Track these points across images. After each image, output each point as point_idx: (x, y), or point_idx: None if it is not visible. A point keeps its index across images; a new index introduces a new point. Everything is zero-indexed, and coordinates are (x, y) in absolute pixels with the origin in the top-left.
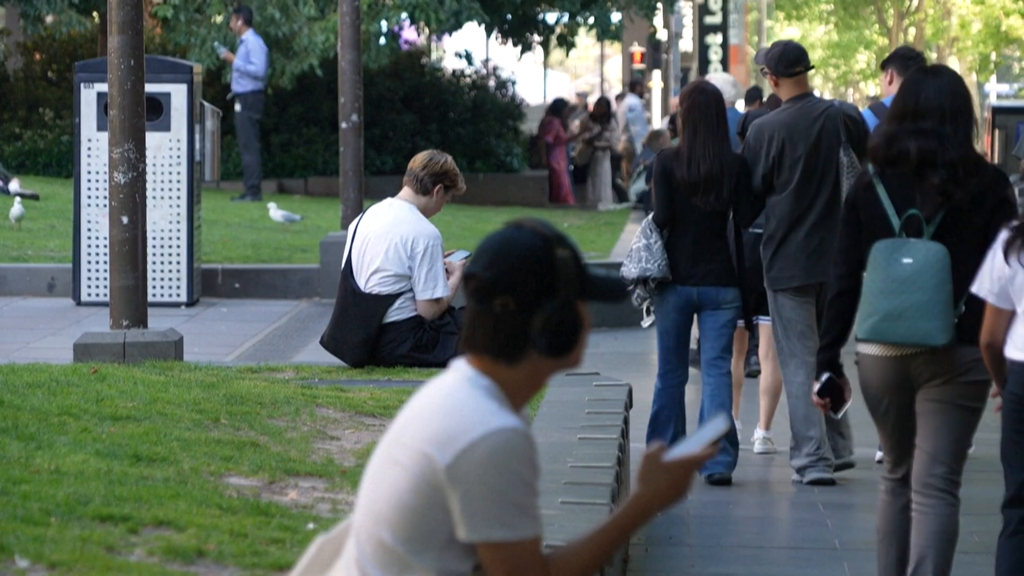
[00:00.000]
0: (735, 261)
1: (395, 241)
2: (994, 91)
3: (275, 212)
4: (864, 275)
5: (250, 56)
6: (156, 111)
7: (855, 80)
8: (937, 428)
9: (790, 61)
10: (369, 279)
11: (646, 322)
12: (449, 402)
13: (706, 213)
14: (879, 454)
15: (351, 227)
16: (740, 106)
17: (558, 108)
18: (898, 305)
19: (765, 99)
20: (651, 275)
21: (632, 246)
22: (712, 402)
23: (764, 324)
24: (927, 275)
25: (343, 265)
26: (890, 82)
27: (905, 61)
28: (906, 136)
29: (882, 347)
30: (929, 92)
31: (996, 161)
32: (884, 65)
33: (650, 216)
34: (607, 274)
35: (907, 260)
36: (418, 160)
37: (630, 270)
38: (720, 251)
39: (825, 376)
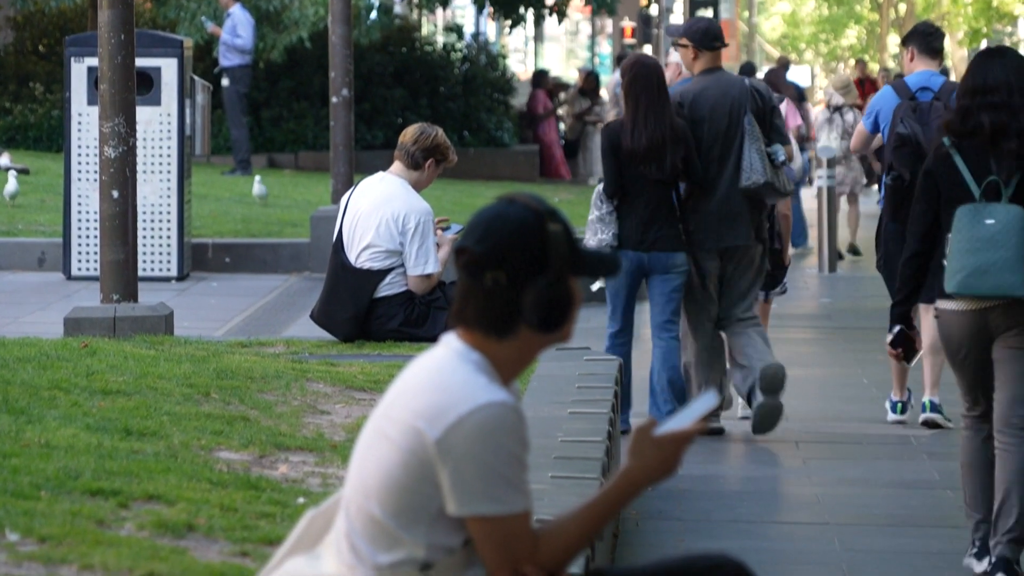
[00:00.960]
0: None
1: (386, 217)
2: None
3: (255, 187)
4: (949, 237)
5: (237, 29)
6: (146, 85)
7: (844, 56)
8: (1016, 373)
9: (713, 36)
10: (360, 254)
11: (596, 285)
12: (439, 376)
13: (653, 181)
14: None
15: (342, 201)
16: None
17: (539, 80)
18: (983, 262)
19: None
20: (608, 244)
21: (589, 218)
22: (663, 365)
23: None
24: (1008, 234)
25: (334, 239)
26: (911, 59)
27: (925, 38)
28: (979, 110)
29: (962, 302)
30: (996, 70)
31: None
32: (904, 42)
33: (599, 186)
34: (598, 249)
35: (989, 221)
36: (409, 134)
37: (588, 242)
38: (668, 218)
39: (897, 328)
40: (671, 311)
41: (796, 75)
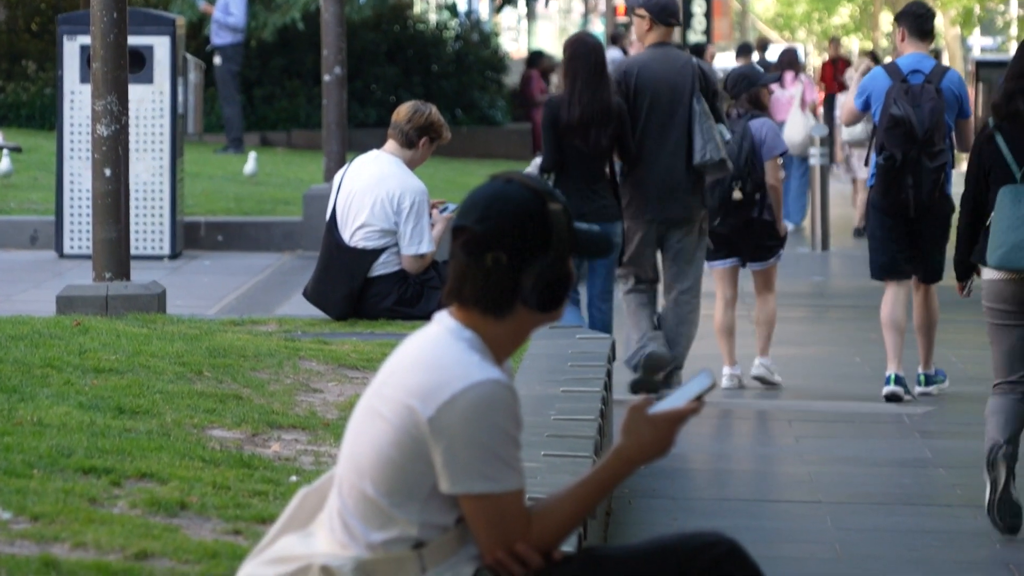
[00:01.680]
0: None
1: (381, 196)
2: (978, 45)
3: (248, 164)
4: (992, 215)
5: (229, 8)
6: (139, 64)
7: (836, 35)
8: None
9: (670, 12)
10: (354, 234)
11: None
12: (432, 355)
13: (589, 155)
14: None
15: (336, 179)
16: (731, 60)
17: (535, 60)
18: (1022, 238)
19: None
20: None
21: None
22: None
23: (753, 269)
24: None
25: (327, 218)
26: (901, 39)
27: (916, 19)
28: (1019, 94)
29: (1006, 273)
30: None
31: (979, 115)
32: (897, 20)
33: (537, 160)
34: (590, 228)
35: None
36: (402, 113)
37: None
38: (604, 190)
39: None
40: (608, 281)
41: (775, 55)
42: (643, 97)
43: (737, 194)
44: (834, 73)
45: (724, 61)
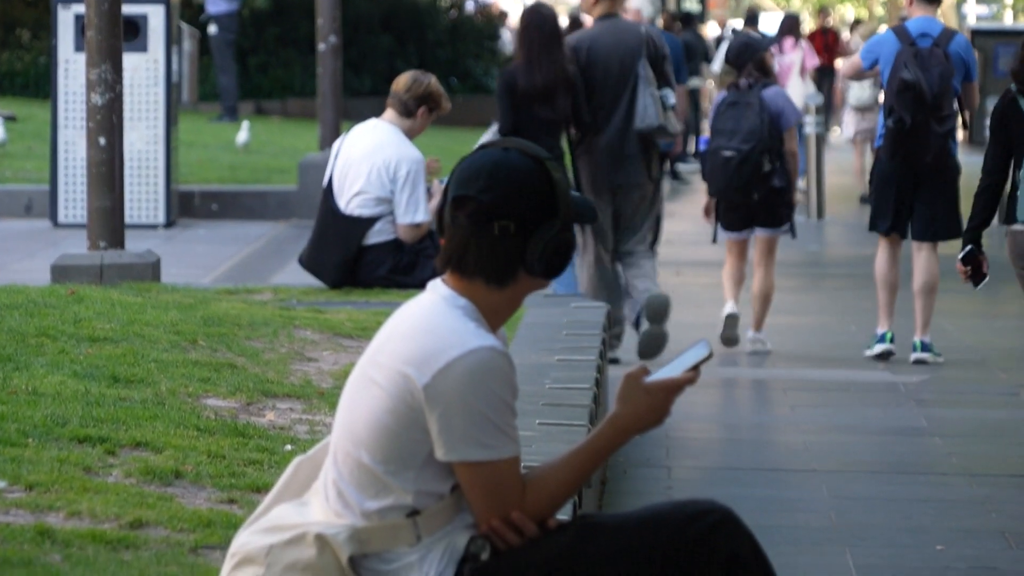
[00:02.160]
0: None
1: (377, 164)
2: (972, 13)
3: (240, 134)
4: (1020, 173)
5: None
6: (133, 32)
7: (827, 5)
8: None
9: None
10: (350, 201)
11: None
12: (427, 322)
13: (545, 122)
14: (877, 347)
15: (334, 146)
16: (737, 25)
17: None
18: None
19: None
20: None
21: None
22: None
23: (759, 235)
24: None
25: (324, 185)
26: (909, 3)
27: None
28: None
29: None
30: None
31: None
32: None
33: (495, 126)
34: (579, 195)
35: None
36: (401, 82)
37: None
38: (559, 158)
39: (969, 247)
40: None
41: (766, 24)
42: (595, 69)
43: (767, 167)
44: (824, 44)
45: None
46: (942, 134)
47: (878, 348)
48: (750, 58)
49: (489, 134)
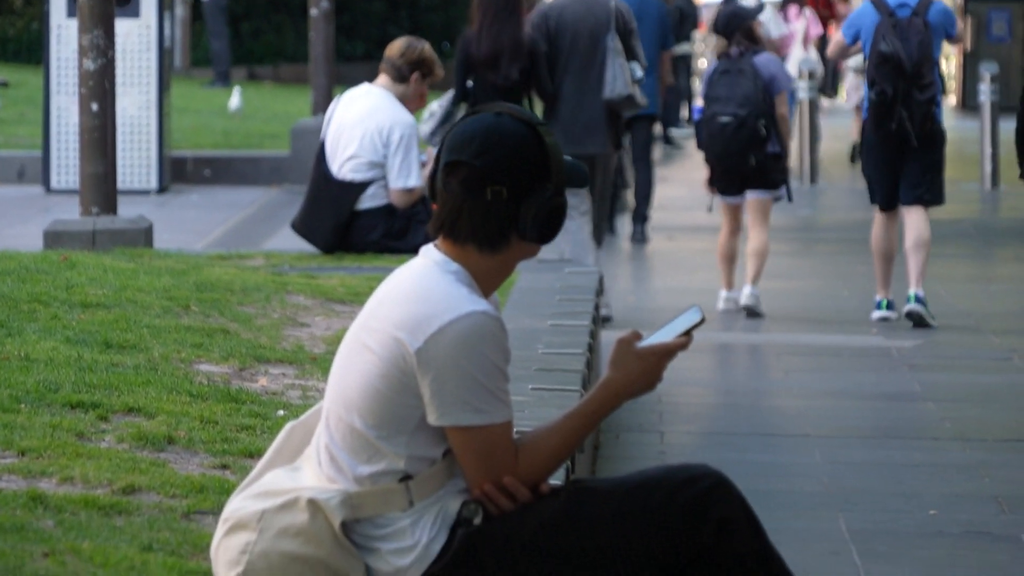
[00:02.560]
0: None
1: (371, 129)
2: None
3: (232, 100)
4: None
5: None
6: None
7: None
8: None
9: None
10: (343, 165)
11: None
12: (419, 287)
13: (497, 88)
14: (876, 312)
15: (328, 111)
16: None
17: None
18: None
19: None
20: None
21: (434, 112)
22: None
23: (751, 198)
24: None
25: (317, 149)
26: None
27: None
28: None
29: None
30: None
31: (968, 49)
32: None
33: (450, 93)
34: (571, 160)
35: None
36: (395, 47)
37: (434, 131)
38: None
39: None
40: None
41: None
42: (563, 39)
43: (763, 131)
44: (823, 10)
45: None
46: (924, 101)
47: (876, 315)
48: (737, 27)
49: (443, 100)
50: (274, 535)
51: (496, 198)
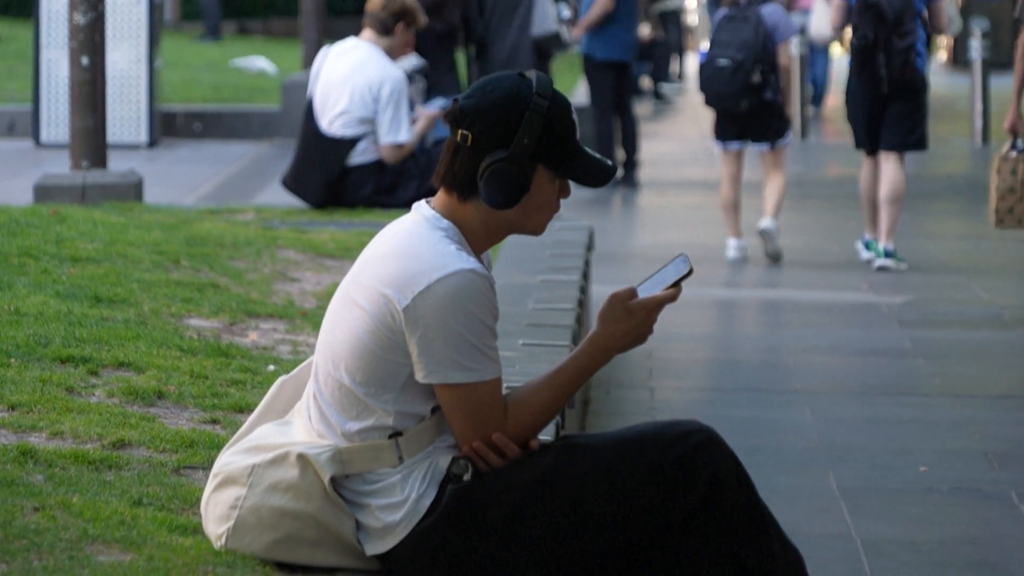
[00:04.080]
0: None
1: (360, 84)
2: None
3: (264, 64)
4: None
5: None
6: None
7: None
8: None
9: None
10: (333, 121)
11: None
12: (408, 244)
13: (436, 34)
14: (864, 254)
15: (314, 66)
16: None
17: None
18: None
19: None
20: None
21: None
22: None
23: (760, 151)
24: None
25: (305, 106)
26: None
27: None
28: None
29: None
30: None
31: (960, 5)
32: None
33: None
34: (597, 156)
35: None
36: (376, 1)
37: None
38: (451, 69)
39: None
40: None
41: None
42: None
43: (756, 77)
44: None
45: None
46: (904, 48)
47: (864, 255)
48: None
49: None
50: (264, 490)
51: (462, 140)
